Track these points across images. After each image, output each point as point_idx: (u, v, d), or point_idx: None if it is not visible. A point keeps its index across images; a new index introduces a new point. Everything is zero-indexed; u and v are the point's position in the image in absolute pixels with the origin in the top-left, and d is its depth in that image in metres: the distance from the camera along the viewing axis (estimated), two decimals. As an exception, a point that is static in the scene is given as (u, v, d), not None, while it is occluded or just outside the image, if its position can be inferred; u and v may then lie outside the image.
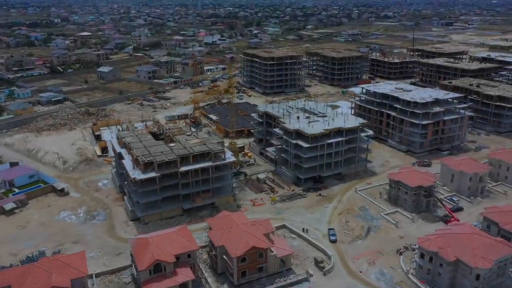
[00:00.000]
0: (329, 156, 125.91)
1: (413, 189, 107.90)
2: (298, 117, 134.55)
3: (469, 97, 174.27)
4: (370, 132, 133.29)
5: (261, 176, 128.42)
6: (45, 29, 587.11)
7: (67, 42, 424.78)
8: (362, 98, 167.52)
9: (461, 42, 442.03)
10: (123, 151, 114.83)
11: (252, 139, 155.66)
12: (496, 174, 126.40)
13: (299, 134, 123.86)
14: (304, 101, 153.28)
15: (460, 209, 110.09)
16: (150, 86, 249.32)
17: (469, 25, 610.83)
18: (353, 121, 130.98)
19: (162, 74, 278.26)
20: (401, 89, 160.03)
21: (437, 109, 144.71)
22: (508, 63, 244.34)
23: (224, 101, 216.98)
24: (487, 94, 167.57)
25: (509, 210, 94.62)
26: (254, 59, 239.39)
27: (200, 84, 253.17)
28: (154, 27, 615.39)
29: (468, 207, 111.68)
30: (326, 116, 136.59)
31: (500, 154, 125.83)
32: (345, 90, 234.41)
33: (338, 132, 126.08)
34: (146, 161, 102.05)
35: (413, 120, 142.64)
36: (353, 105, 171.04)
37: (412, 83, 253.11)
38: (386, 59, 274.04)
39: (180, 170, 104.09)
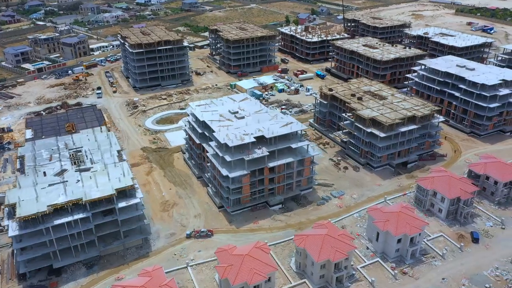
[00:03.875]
0: (65, 240, 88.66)
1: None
2: (44, 173, 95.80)
3: (343, 114, 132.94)
4: (137, 200, 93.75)
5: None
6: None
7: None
8: (193, 121, 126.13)
9: (431, 0, 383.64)
10: None
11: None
12: (303, 266, 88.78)
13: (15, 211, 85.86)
14: (101, 131, 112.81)
15: None
16: (10, 75, 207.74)
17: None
18: (110, 186, 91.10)
19: (41, 55, 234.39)
20: (236, 112, 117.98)
21: (259, 152, 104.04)
22: (443, 46, 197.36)
23: (73, 102, 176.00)
24: (360, 116, 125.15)
25: None
26: (125, 42, 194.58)
27: (69, 71, 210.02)
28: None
29: None
30: (91, 168, 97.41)
31: (307, 239, 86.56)
32: (233, 83, 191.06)
33: (77, 205, 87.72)
34: None
35: (223, 171, 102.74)
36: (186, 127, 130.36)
37: (327, 70, 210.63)
38: (304, 38, 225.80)
39: None
